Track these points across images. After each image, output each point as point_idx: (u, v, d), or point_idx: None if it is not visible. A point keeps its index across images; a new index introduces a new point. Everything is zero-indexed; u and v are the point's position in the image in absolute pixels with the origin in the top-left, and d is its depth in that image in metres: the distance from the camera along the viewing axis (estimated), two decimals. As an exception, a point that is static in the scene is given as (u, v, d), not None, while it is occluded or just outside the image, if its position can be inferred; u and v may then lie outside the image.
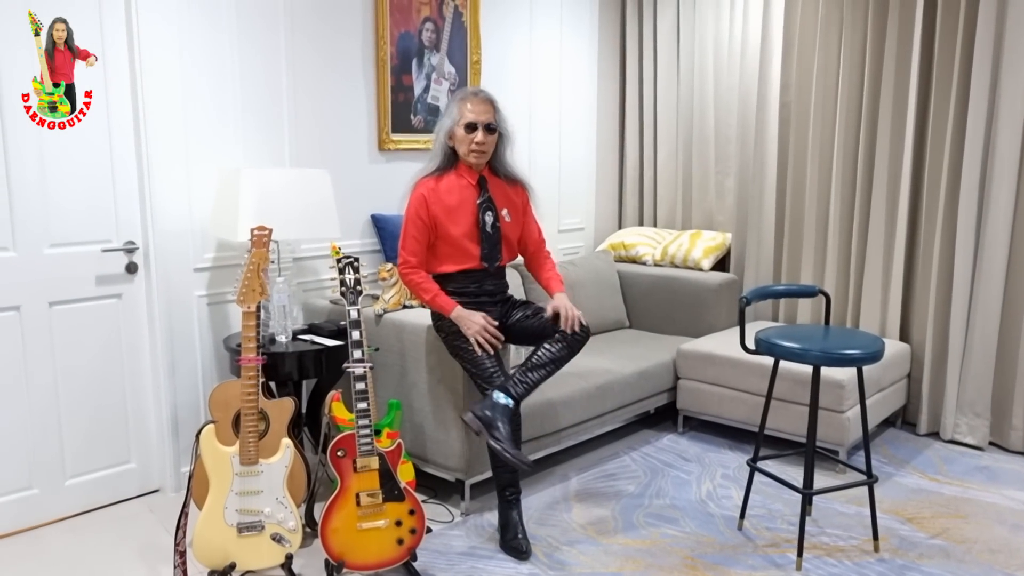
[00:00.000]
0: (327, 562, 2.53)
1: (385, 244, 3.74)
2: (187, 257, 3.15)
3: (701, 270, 4.32)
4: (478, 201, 2.83)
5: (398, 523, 2.51)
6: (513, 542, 2.75)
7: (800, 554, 2.65)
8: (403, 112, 3.82)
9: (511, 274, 3.98)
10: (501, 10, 4.19)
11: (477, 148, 2.77)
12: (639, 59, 4.82)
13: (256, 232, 2.73)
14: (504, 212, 2.89)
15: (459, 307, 2.77)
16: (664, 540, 2.84)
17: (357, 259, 2.61)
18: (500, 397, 2.62)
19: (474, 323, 2.74)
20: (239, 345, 2.89)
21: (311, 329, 3.19)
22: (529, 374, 2.68)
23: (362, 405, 2.47)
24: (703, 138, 4.58)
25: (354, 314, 2.55)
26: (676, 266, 4.43)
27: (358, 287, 2.59)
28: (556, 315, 2.78)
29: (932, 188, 3.77)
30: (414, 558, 2.55)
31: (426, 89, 3.89)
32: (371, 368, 2.67)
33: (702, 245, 4.36)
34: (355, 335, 2.54)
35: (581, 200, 4.83)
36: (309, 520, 2.89)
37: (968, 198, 3.62)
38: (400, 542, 2.52)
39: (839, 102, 3.98)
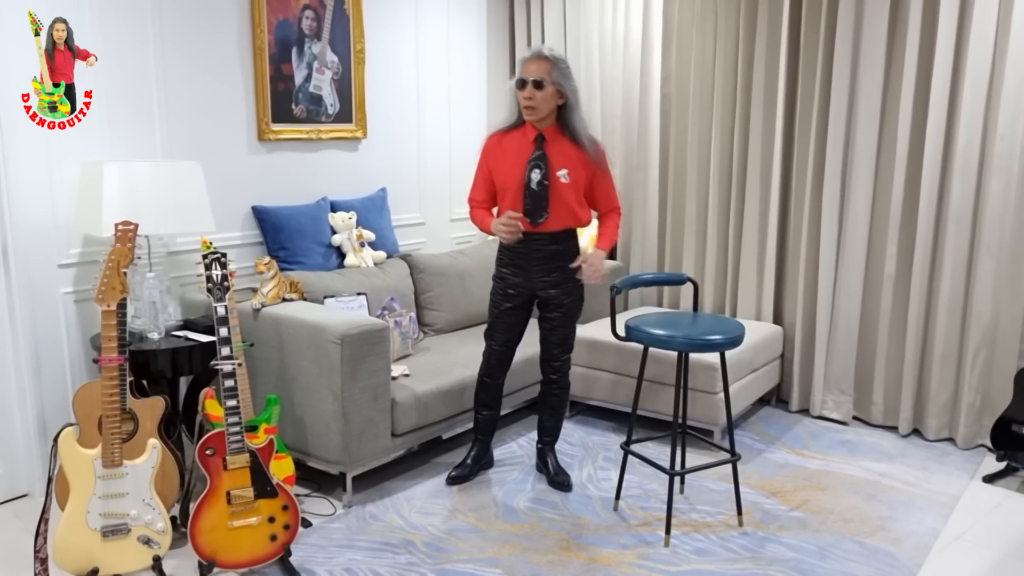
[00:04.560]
0: (200, 562, 2.50)
1: (267, 236, 3.67)
2: (51, 253, 3.03)
3: (588, 258, 4.41)
4: (529, 157, 2.98)
5: (271, 519, 2.50)
6: (559, 476, 3.23)
7: (668, 531, 2.77)
8: (284, 102, 3.75)
9: (399, 265, 3.97)
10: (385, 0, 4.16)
11: (526, 103, 2.93)
12: (528, 49, 4.86)
13: (120, 227, 2.65)
14: (562, 172, 2.98)
15: (492, 219, 3.04)
16: (542, 524, 2.92)
17: (224, 254, 2.57)
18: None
19: (496, 226, 2.98)
20: (106, 344, 2.80)
21: (187, 324, 3.12)
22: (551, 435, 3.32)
23: (231, 402, 2.44)
24: (591, 128, 4.66)
25: (221, 310, 2.51)
26: (565, 254, 4.51)
27: (225, 283, 2.55)
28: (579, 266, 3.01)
29: (799, 179, 3.95)
30: (288, 554, 2.55)
31: (308, 78, 3.83)
32: (239, 365, 2.64)
33: (588, 233, 4.45)
34: (223, 332, 2.50)
35: (472, 190, 4.85)
36: (185, 519, 2.84)
37: (831, 188, 3.82)
38: (274, 538, 2.51)
39: (715, 95, 4.12)
